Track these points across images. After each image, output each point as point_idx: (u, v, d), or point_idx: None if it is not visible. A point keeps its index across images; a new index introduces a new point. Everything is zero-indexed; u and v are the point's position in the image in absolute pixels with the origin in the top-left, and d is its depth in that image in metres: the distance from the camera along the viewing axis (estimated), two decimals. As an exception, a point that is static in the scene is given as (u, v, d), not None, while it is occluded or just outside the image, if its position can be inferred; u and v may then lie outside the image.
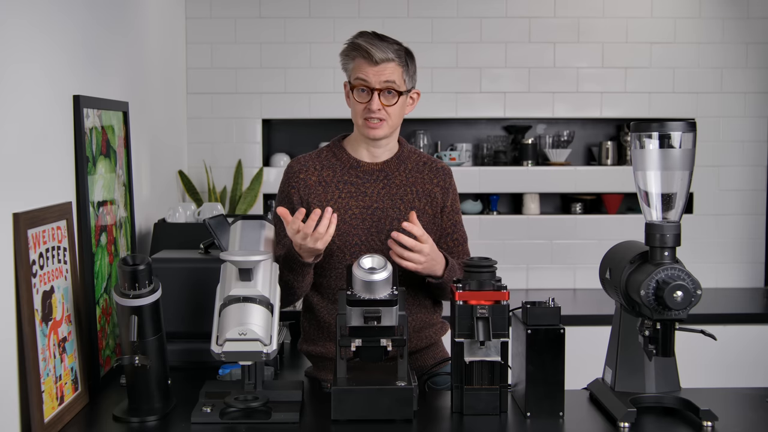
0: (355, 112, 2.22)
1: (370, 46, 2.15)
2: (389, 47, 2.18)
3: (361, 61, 2.18)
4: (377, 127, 2.19)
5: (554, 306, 1.93)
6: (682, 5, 4.18)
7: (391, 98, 2.19)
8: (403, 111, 2.24)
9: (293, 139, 4.42)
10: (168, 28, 3.71)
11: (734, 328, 3.64)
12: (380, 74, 2.16)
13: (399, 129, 2.29)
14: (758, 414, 1.97)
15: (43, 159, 2.00)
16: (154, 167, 3.31)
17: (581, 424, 1.91)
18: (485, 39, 4.18)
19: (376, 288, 1.86)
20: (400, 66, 2.19)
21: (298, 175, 2.26)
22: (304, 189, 2.24)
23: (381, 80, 2.17)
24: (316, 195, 2.23)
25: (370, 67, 2.16)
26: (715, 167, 4.23)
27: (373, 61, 2.16)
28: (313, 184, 2.24)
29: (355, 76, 2.19)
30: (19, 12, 1.87)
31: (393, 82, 2.18)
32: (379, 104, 2.17)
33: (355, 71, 2.19)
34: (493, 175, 4.20)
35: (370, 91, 2.17)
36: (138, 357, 1.91)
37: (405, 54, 2.22)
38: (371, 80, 2.17)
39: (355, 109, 2.21)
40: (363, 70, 2.17)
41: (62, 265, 2.02)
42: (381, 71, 2.16)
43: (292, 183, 2.25)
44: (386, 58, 2.16)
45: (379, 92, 2.17)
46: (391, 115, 2.19)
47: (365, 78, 2.17)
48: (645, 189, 1.86)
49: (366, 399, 1.86)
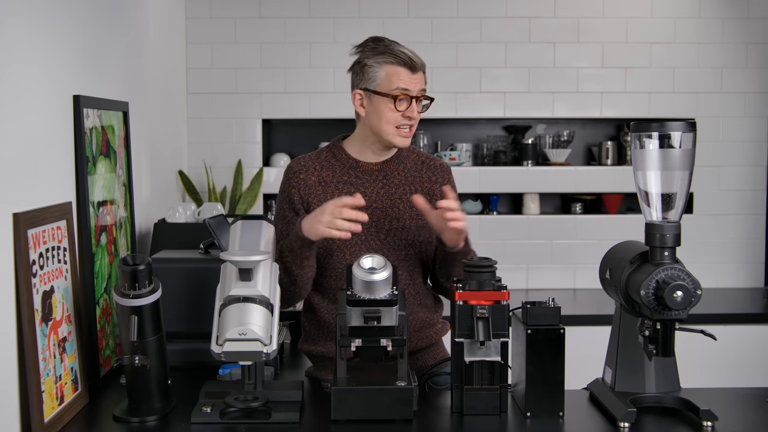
0: (387, 119, 2.17)
1: (412, 54, 2.16)
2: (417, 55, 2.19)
3: (398, 68, 2.16)
4: (409, 135, 2.21)
5: (554, 306, 1.93)
6: (682, 5, 4.19)
7: (422, 106, 2.21)
8: None
9: (293, 139, 4.42)
10: (168, 28, 3.71)
11: (734, 328, 3.64)
12: (419, 82, 2.18)
13: None
14: (758, 414, 1.97)
15: (43, 159, 2.00)
16: (154, 167, 3.31)
17: (581, 424, 1.91)
18: (485, 39, 4.18)
19: (376, 288, 1.86)
20: (425, 73, 2.22)
21: (298, 175, 2.26)
22: (305, 189, 2.24)
23: (419, 88, 2.18)
24: (316, 195, 2.23)
25: (411, 75, 2.16)
26: (715, 167, 4.23)
27: (415, 69, 2.16)
28: (313, 184, 2.24)
29: (395, 86, 2.15)
30: (19, 12, 1.87)
31: (425, 89, 2.21)
32: (417, 112, 2.18)
33: (394, 80, 2.15)
34: (493, 175, 4.20)
35: (409, 99, 2.17)
36: (138, 357, 1.91)
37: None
38: (412, 88, 2.17)
39: (388, 117, 2.17)
40: (403, 79, 2.16)
41: (62, 265, 2.02)
42: (419, 79, 2.18)
43: (293, 183, 2.26)
44: (423, 66, 2.18)
45: (416, 99, 2.18)
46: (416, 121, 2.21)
47: (407, 87, 2.16)
48: (645, 189, 1.86)
49: (366, 399, 1.86)
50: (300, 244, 2.08)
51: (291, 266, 2.11)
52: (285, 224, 2.24)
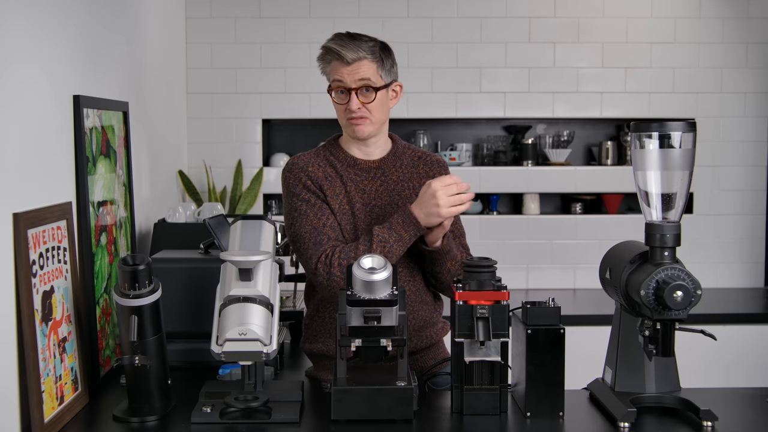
0: (339, 113, 2.25)
1: (341, 48, 2.18)
2: (360, 45, 2.19)
3: (335, 63, 2.20)
4: (361, 123, 2.21)
5: (554, 306, 1.93)
6: (682, 5, 4.18)
7: (369, 95, 2.20)
8: (386, 106, 2.25)
9: (293, 139, 4.42)
10: (168, 28, 3.71)
11: (734, 328, 3.64)
12: (354, 73, 2.18)
13: (387, 125, 2.30)
14: (758, 414, 1.97)
15: (43, 159, 2.00)
16: (154, 167, 3.31)
17: (581, 424, 1.91)
18: (485, 39, 4.18)
19: (376, 288, 1.86)
20: (374, 62, 2.20)
21: (306, 168, 2.26)
22: (316, 181, 2.24)
23: (356, 79, 2.18)
24: (327, 188, 2.23)
25: (344, 67, 2.19)
26: (715, 167, 4.23)
27: (346, 62, 2.18)
28: (321, 178, 2.25)
29: (332, 78, 2.22)
30: (19, 12, 1.87)
31: (368, 79, 2.19)
32: (358, 103, 2.19)
33: (332, 74, 2.22)
34: (493, 175, 4.20)
35: (348, 92, 2.19)
36: (138, 357, 1.90)
37: (379, 49, 2.22)
38: (347, 80, 2.19)
39: (338, 110, 2.25)
40: (338, 72, 2.20)
41: (62, 265, 2.02)
42: (355, 70, 2.18)
43: (302, 176, 2.24)
44: (358, 56, 2.18)
45: (356, 91, 2.19)
46: (372, 111, 2.21)
47: (341, 79, 2.20)
48: (645, 189, 1.85)
49: (366, 399, 1.86)
50: (415, 233, 2.12)
51: (396, 256, 2.14)
52: (314, 210, 2.20)
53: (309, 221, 2.19)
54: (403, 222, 2.12)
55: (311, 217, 2.19)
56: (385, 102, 2.24)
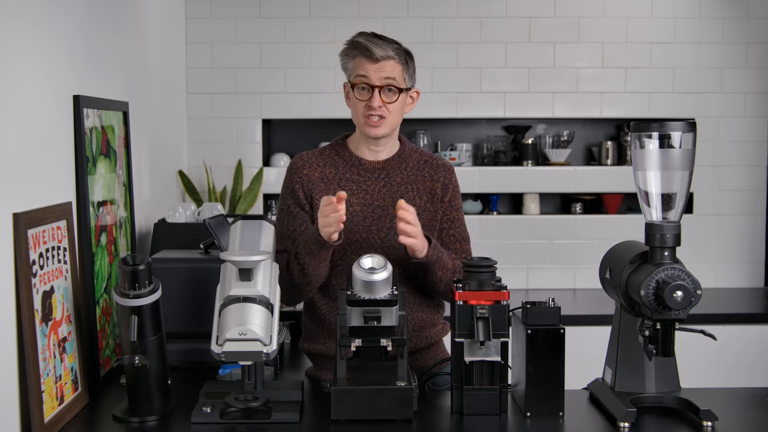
0: (356, 110, 2.23)
1: (371, 44, 2.17)
2: (389, 45, 2.20)
3: (361, 59, 2.19)
4: (378, 125, 2.20)
5: (554, 306, 1.93)
6: (682, 5, 4.18)
7: (392, 95, 2.20)
8: (403, 110, 2.25)
9: (293, 139, 4.42)
10: (168, 28, 3.70)
11: (734, 328, 3.64)
12: (381, 71, 2.18)
13: (399, 128, 2.29)
14: (758, 414, 1.97)
15: (43, 159, 2.00)
16: (154, 167, 3.31)
17: (581, 424, 1.91)
18: (485, 39, 4.18)
19: (376, 288, 1.86)
20: (400, 64, 2.20)
21: (301, 171, 2.27)
22: (308, 184, 2.24)
23: (381, 77, 2.18)
24: (318, 191, 2.24)
25: (371, 64, 2.18)
26: (715, 167, 4.23)
27: (374, 59, 2.17)
28: (315, 180, 2.25)
29: (355, 74, 2.21)
30: (19, 12, 1.87)
31: (393, 79, 2.19)
32: (380, 101, 2.18)
33: (356, 69, 2.21)
34: (493, 175, 4.20)
35: (371, 89, 2.18)
36: (138, 357, 1.91)
37: (404, 53, 2.23)
38: (372, 77, 2.18)
39: (356, 107, 2.22)
40: (364, 68, 2.19)
41: (62, 265, 2.02)
42: (381, 68, 2.18)
43: (296, 178, 2.26)
44: (386, 55, 2.18)
45: (380, 89, 2.18)
46: (391, 112, 2.20)
47: (366, 75, 2.18)
48: (645, 189, 1.85)
49: (366, 399, 1.86)
50: (319, 246, 2.10)
51: (308, 267, 2.13)
52: (291, 219, 2.25)
53: (282, 225, 2.26)
54: (313, 236, 2.10)
55: (284, 223, 2.26)
56: (403, 105, 2.24)
